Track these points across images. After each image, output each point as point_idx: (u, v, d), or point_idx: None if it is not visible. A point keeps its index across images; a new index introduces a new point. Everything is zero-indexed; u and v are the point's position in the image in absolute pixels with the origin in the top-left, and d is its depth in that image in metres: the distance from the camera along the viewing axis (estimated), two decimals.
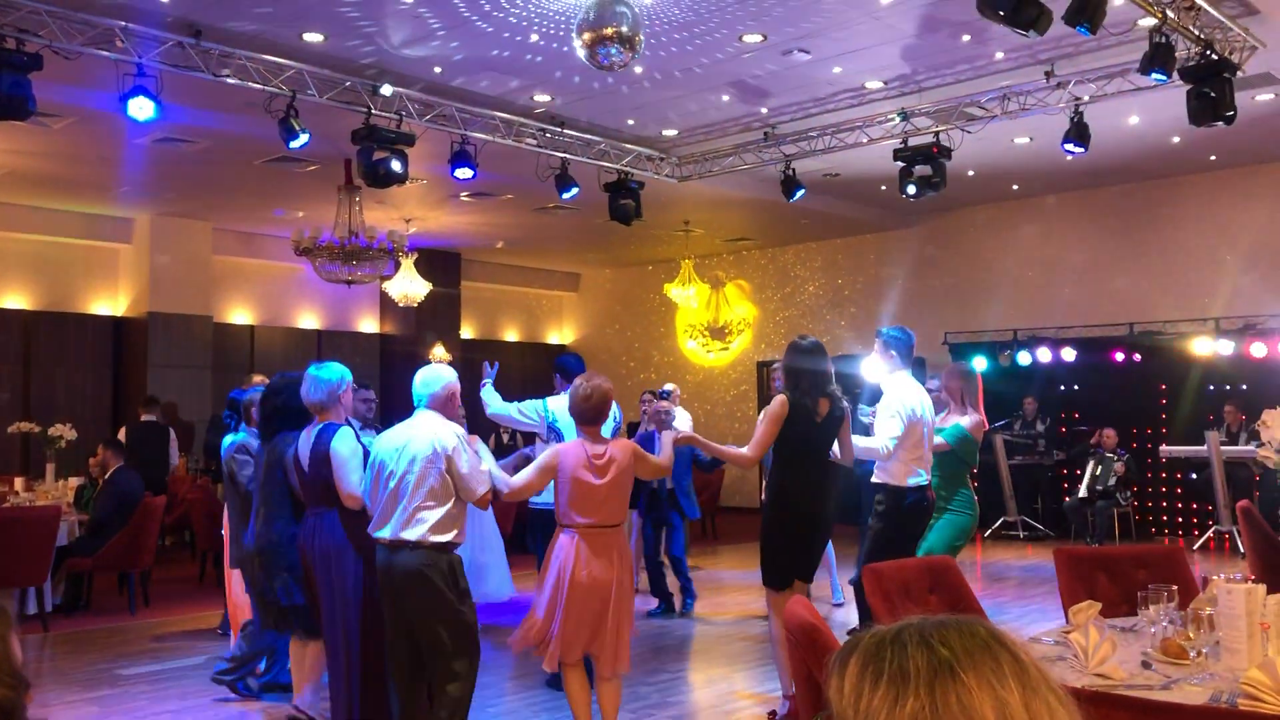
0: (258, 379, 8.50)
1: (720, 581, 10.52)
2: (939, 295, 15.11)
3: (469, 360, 14.23)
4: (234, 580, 6.51)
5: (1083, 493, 12.31)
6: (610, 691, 4.95)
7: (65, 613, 8.98)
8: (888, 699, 1.18)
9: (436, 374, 4.89)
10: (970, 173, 12.28)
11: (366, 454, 5.02)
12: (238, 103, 8.84)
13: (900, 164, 10.31)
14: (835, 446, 5.56)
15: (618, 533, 4.82)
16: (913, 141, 10.21)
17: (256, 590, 5.65)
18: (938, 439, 6.05)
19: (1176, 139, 11.31)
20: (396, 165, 9.06)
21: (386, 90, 8.99)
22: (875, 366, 6.01)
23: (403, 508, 4.60)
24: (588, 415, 4.86)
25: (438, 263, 15.96)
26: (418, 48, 8.52)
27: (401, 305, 14.34)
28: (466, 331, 17.65)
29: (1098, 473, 12.27)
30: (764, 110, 10.41)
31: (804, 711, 3.11)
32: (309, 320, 16.23)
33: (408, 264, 13.73)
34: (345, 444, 4.98)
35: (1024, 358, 13.52)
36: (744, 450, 5.43)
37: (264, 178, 11.79)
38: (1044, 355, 13.42)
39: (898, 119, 10.09)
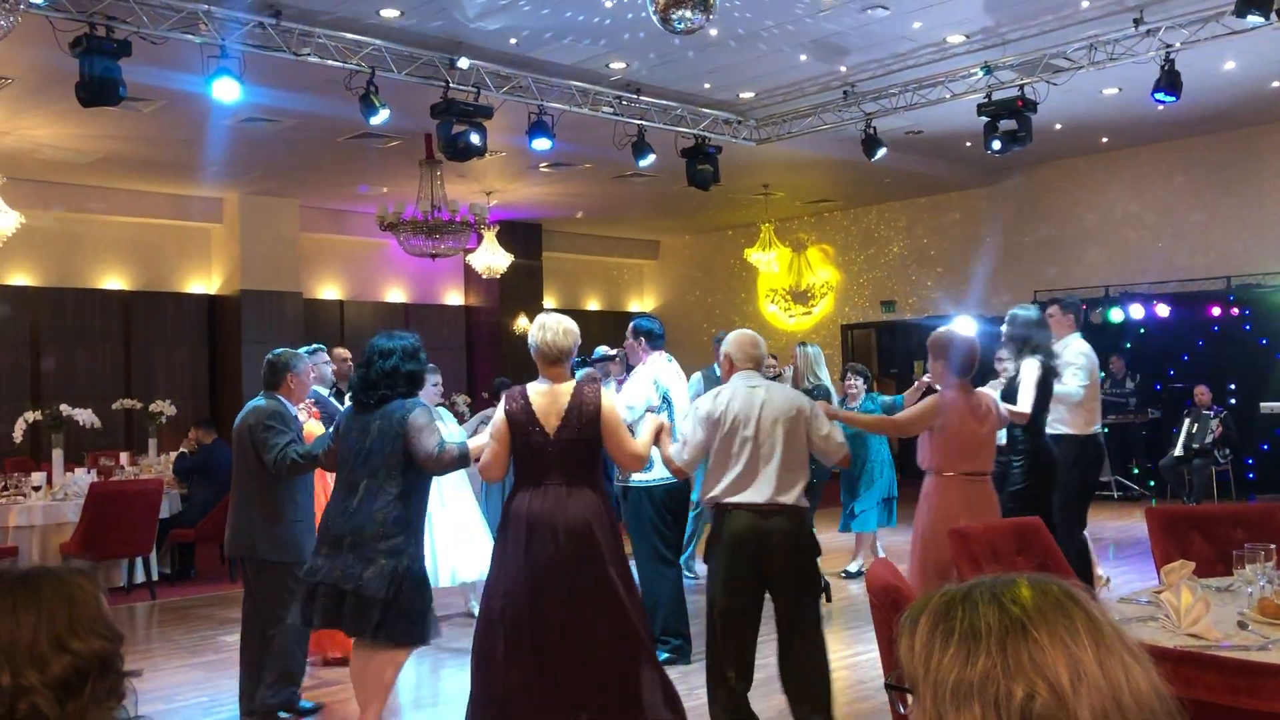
0: (340, 352, 8.06)
1: None
2: (1027, 253, 14.79)
3: None
4: None
5: (1178, 451, 11.97)
6: None
7: (171, 581, 9.32)
8: (959, 657, 1.17)
9: (758, 336, 4.86)
10: (1057, 126, 11.95)
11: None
12: (319, 81, 8.99)
13: (984, 119, 10.08)
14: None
15: (989, 481, 5.13)
16: (997, 96, 9.97)
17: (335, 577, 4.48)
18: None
19: (1276, 83, 10.88)
20: (475, 138, 9.13)
21: (464, 64, 9.05)
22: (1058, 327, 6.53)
23: (771, 471, 4.49)
24: (970, 369, 5.15)
25: (519, 234, 16.08)
26: (493, 20, 8.54)
27: (485, 277, 14.48)
28: (549, 301, 17.75)
29: (1194, 431, 11.93)
30: (843, 69, 10.25)
31: (886, 672, 3.10)
32: (396, 294, 16.49)
33: (490, 236, 13.86)
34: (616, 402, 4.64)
35: (1116, 315, 13.19)
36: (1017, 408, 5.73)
37: (347, 155, 11.97)
38: (1136, 312, 13.07)
39: (981, 73, 9.87)
